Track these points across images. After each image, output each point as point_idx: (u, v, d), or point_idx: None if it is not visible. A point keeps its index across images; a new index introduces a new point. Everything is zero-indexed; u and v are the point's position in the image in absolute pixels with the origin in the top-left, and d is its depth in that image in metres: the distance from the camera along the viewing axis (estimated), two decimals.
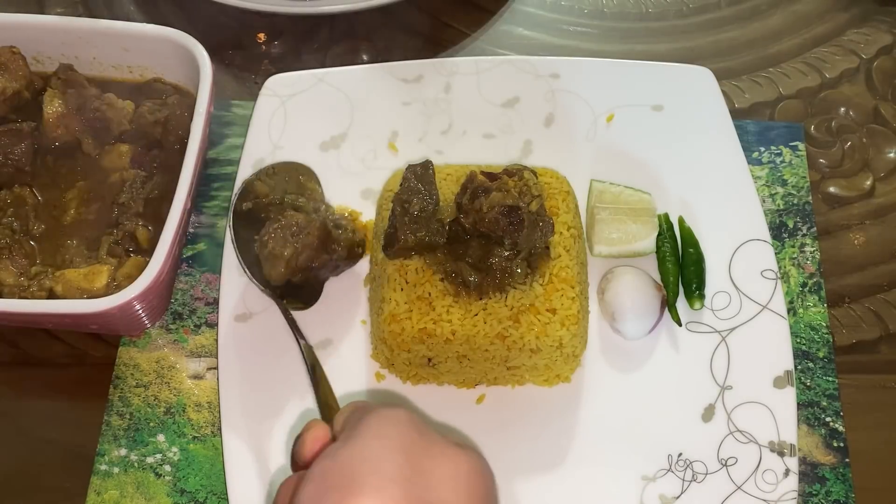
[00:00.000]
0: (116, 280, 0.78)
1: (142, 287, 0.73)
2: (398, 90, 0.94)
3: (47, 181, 0.86)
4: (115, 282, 0.78)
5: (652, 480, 0.76)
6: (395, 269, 0.78)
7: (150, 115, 0.86)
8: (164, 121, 0.86)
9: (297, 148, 0.90)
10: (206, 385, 0.83)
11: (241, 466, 0.76)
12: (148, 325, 0.84)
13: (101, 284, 0.77)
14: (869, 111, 0.99)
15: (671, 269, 0.84)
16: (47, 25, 0.89)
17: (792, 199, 0.91)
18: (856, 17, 1.06)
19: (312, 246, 0.78)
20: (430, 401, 0.80)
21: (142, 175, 0.85)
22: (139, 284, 0.74)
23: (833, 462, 0.79)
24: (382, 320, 0.77)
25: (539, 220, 0.75)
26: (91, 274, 0.78)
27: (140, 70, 0.91)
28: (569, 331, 0.75)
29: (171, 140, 0.86)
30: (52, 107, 0.85)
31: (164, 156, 0.86)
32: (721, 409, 0.78)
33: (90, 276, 0.78)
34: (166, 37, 0.87)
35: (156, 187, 0.84)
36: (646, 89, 0.93)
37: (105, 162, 0.86)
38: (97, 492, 0.78)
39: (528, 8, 1.07)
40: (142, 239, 0.81)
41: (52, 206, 0.85)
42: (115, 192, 0.84)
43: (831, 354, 0.83)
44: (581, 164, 0.90)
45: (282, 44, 1.04)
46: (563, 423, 0.79)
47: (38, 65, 0.91)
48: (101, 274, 0.78)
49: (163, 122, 0.86)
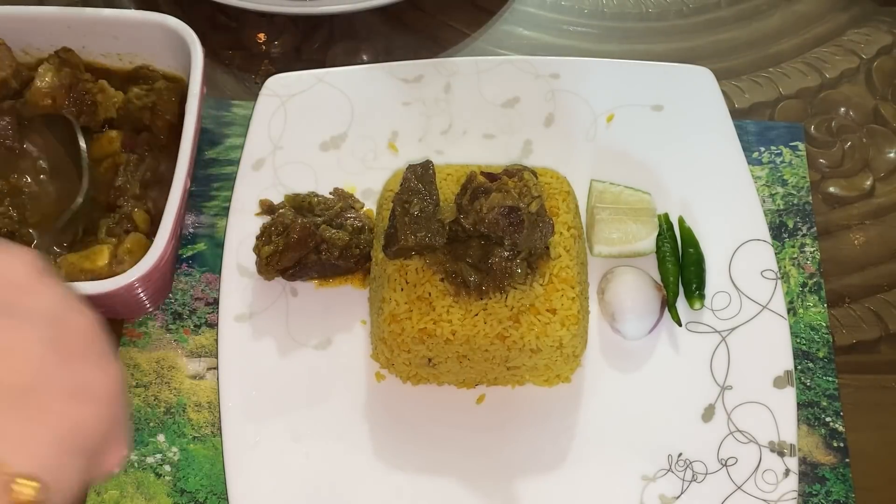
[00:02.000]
0: (118, 256, 0.78)
1: (149, 264, 0.74)
2: (398, 90, 0.94)
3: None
4: (118, 258, 0.78)
5: (652, 480, 0.76)
6: (395, 269, 0.78)
7: (137, 101, 0.87)
8: (151, 106, 0.87)
9: (297, 148, 0.90)
10: (206, 385, 0.83)
11: (241, 466, 0.76)
12: (150, 308, 0.84)
13: (103, 263, 0.78)
14: (869, 111, 0.99)
15: (671, 269, 0.84)
16: (36, 16, 0.89)
17: (792, 199, 0.91)
18: (856, 17, 1.06)
19: (293, 246, 0.79)
20: (430, 401, 0.80)
21: (134, 158, 0.85)
22: (146, 262, 0.74)
23: (833, 462, 0.79)
24: (382, 320, 0.77)
25: (539, 221, 0.75)
26: (92, 254, 0.78)
27: (130, 57, 0.91)
28: (569, 331, 0.75)
29: (160, 125, 0.87)
30: (44, 79, 0.85)
31: (154, 139, 0.87)
32: (721, 409, 0.78)
33: (91, 257, 0.78)
34: (156, 22, 0.88)
35: (148, 169, 0.85)
36: (646, 89, 0.93)
37: (95, 149, 0.87)
38: (97, 492, 0.78)
39: (528, 8, 1.07)
40: (140, 221, 0.82)
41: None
42: (110, 177, 0.85)
43: (831, 354, 0.83)
44: (581, 164, 0.90)
45: (282, 44, 1.04)
46: (563, 423, 0.79)
47: (27, 57, 0.91)
48: (102, 252, 0.78)
49: (150, 107, 0.87)
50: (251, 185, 0.88)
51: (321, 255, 0.81)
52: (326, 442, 0.78)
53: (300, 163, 0.90)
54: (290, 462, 0.77)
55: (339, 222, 0.83)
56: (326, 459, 0.77)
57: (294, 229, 0.79)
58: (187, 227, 0.90)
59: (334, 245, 0.80)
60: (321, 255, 0.81)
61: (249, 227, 0.85)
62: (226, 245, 0.85)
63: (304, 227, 0.80)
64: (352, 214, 0.84)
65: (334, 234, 0.80)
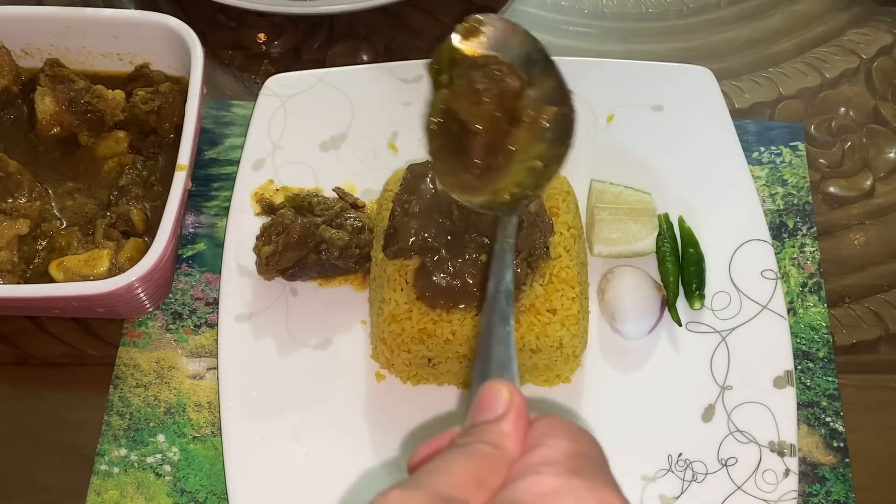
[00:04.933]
0: (119, 263, 0.79)
1: (149, 264, 0.75)
2: (398, 90, 0.94)
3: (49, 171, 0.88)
4: (118, 265, 0.79)
5: (652, 480, 0.76)
6: (395, 270, 0.78)
7: (143, 105, 0.87)
8: (157, 109, 0.87)
9: (297, 148, 0.90)
10: (206, 385, 0.83)
11: (241, 466, 0.76)
12: (150, 308, 0.84)
13: (103, 269, 0.78)
14: (869, 111, 0.99)
15: (671, 269, 0.84)
16: (35, 17, 0.90)
17: (792, 199, 0.91)
18: (856, 17, 1.06)
19: (293, 246, 0.79)
20: (430, 401, 0.80)
21: (140, 159, 0.86)
22: (146, 262, 0.75)
23: (833, 462, 0.79)
24: (382, 320, 0.77)
25: (539, 221, 0.75)
26: (91, 259, 0.79)
27: (129, 57, 0.92)
28: (569, 331, 0.75)
29: (167, 127, 0.88)
30: (44, 104, 0.86)
31: (160, 142, 0.88)
32: (721, 409, 0.78)
33: (91, 262, 0.78)
34: (156, 22, 0.88)
35: (154, 171, 0.86)
36: (646, 89, 0.93)
37: (101, 148, 0.88)
38: (97, 492, 0.78)
39: (528, 8, 1.07)
40: (137, 220, 0.82)
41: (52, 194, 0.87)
42: (114, 176, 0.86)
43: (831, 354, 0.83)
44: (581, 164, 0.89)
45: (282, 44, 1.04)
46: None
47: (27, 57, 0.91)
48: (102, 258, 0.79)
49: (156, 110, 0.87)
50: (251, 185, 0.88)
51: (321, 255, 0.81)
52: (326, 442, 0.78)
53: (300, 163, 0.90)
54: (290, 462, 0.77)
55: (339, 222, 0.83)
56: (326, 459, 0.77)
57: (294, 229, 0.79)
58: (187, 227, 0.90)
59: (334, 245, 0.80)
60: (321, 255, 0.81)
61: (249, 227, 0.85)
62: (226, 245, 0.85)
63: (304, 227, 0.80)
64: (352, 214, 0.84)
65: (334, 233, 0.80)
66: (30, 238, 0.82)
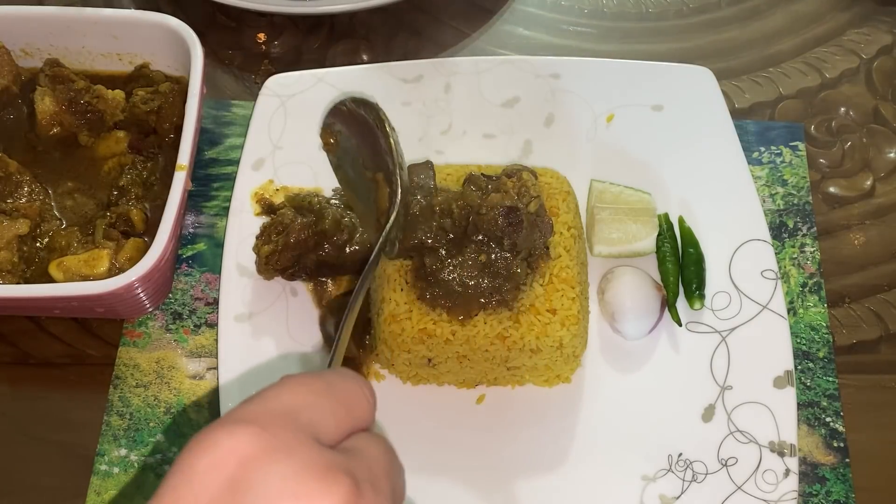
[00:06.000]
0: (118, 263, 0.79)
1: (149, 264, 0.75)
2: (398, 90, 0.94)
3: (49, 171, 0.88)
4: (118, 265, 0.79)
5: (652, 480, 0.76)
6: (395, 270, 0.78)
7: (143, 105, 0.88)
8: (157, 109, 0.87)
9: (297, 148, 0.90)
10: (206, 385, 0.83)
11: None
12: (149, 308, 0.84)
13: (102, 269, 0.78)
14: (869, 111, 0.99)
15: (671, 269, 0.84)
16: (35, 17, 0.90)
17: (792, 199, 0.91)
18: (856, 17, 1.06)
19: (293, 246, 0.79)
20: (430, 401, 0.80)
21: (140, 159, 0.86)
22: (146, 262, 0.75)
23: (833, 462, 0.79)
24: (382, 320, 0.77)
25: (538, 221, 0.75)
26: (91, 259, 0.79)
27: (129, 57, 0.92)
28: (569, 331, 0.75)
29: (166, 127, 0.88)
30: (44, 105, 0.86)
31: (160, 142, 0.88)
32: (721, 409, 0.78)
33: (91, 262, 0.78)
34: (156, 22, 0.88)
35: (154, 171, 0.86)
36: (646, 89, 0.93)
37: (101, 148, 0.88)
38: (97, 492, 0.78)
39: (528, 8, 1.07)
40: (136, 220, 0.83)
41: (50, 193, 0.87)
42: (114, 176, 0.86)
43: (831, 354, 0.83)
44: (581, 164, 0.90)
45: (282, 44, 1.04)
46: (563, 423, 0.78)
47: (27, 57, 0.91)
48: (102, 259, 0.79)
49: (156, 110, 0.87)
50: (251, 185, 0.88)
51: (321, 255, 0.80)
52: None
53: (300, 163, 0.90)
54: None
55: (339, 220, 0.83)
56: None
57: (294, 229, 0.79)
58: (187, 227, 0.90)
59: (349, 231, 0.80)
60: (321, 255, 0.80)
61: (249, 227, 0.85)
62: (225, 245, 0.85)
63: (304, 226, 0.80)
64: (351, 214, 0.84)
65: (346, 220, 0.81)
66: (30, 238, 0.82)
